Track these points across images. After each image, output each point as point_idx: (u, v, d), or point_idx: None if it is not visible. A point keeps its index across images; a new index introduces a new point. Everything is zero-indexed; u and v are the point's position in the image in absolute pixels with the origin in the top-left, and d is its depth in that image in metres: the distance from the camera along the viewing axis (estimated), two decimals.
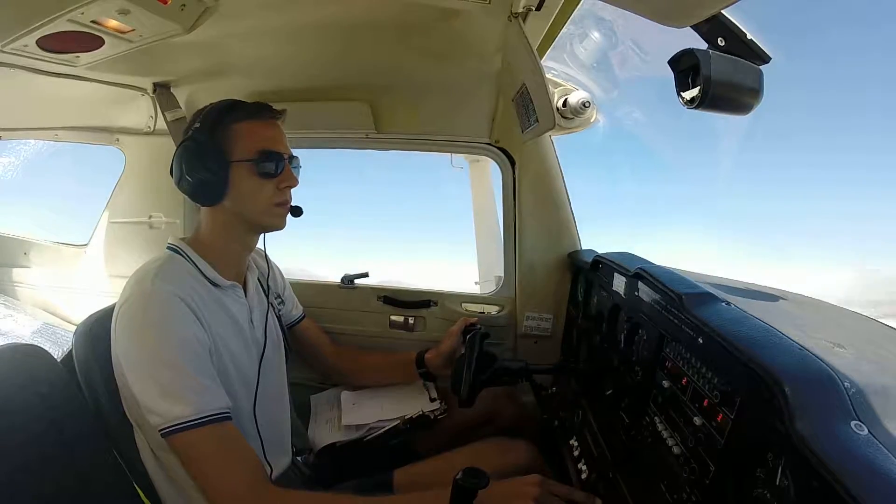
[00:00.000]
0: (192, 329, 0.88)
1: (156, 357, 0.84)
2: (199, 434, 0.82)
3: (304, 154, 1.11)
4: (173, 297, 0.88)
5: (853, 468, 0.46)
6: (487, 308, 1.65)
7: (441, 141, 1.65)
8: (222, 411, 0.86)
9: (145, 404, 0.83)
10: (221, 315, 0.97)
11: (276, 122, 1.02)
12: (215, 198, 0.96)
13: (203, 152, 0.94)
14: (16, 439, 0.82)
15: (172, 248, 1.00)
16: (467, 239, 2.15)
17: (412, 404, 1.31)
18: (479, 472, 0.72)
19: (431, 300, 1.65)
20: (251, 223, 1.01)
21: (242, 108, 0.98)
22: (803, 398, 0.54)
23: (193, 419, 0.82)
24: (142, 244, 1.83)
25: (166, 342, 0.85)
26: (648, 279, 0.97)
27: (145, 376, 0.84)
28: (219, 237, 1.01)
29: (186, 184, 0.95)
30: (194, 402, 0.83)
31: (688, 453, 0.75)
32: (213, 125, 0.96)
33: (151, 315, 0.86)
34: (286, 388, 1.20)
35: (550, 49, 1.18)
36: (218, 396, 0.87)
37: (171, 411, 0.82)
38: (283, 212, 1.02)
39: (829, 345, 0.75)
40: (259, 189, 0.97)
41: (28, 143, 2.31)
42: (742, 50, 0.70)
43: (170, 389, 0.82)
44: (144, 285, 0.89)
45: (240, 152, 0.95)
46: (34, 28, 0.87)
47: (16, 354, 0.92)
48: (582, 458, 1.13)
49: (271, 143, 0.98)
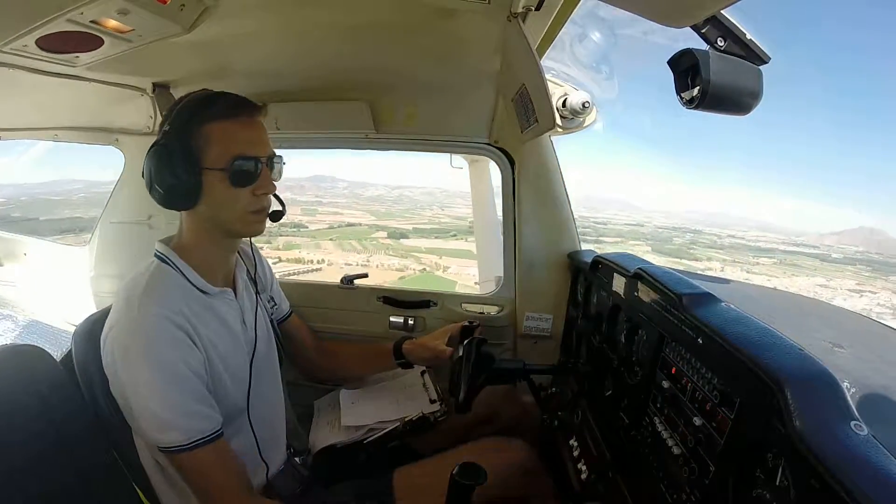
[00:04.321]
0: (181, 353, 0.88)
1: (147, 386, 0.86)
2: (192, 456, 0.87)
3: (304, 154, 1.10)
4: (161, 320, 0.87)
5: (853, 468, 0.46)
6: (487, 308, 1.65)
7: (440, 141, 1.65)
8: (213, 432, 0.89)
9: (140, 427, 0.88)
10: (213, 322, 0.97)
11: (255, 119, 0.94)
12: (188, 204, 0.92)
13: (173, 158, 0.88)
14: (15, 439, 0.82)
15: (160, 256, 0.97)
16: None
17: (412, 406, 1.30)
18: (475, 468, 0.71)
19: (431, 300, 1.65)
20: (227, 230, 0.97)
21: (216, 105, 0.91)
22: (803, 398, 0.54)
23: (185, 444, 0.86)
24: (141, 244, 1.82)
25: (156, 372, 0.85)
26: (648, 279, 0.97)
27: (139, 403, 0.87)
28: (200, 242, 0.98)
29: (156, 192, 0.90)
30: (185, 429, 0.87)
31: (688, 453, 0.75)
32: (183, 126, 0.89)
33: (140, 343, 0.86)
34: (280, 386, 1.19)
35: (550, 49, 1.18)
36: (208, 418, 0.90)
37: (163, 438, 0.87)
38: (261, 219, 0.97)
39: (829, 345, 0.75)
40: (234, 197, 0.92)
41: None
42: (742, 50, 0.70)
43: (162, 417, 0.86)
44: (132, 309, 0.88)
45: (212, 158, 0.89)
46: (34, 28, 0.87)
47: (16, 354, 0.92)
48: (581, 458, 1.13)
49: (247, 147, 0.91)
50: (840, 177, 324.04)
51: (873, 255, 13.49)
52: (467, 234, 13.02)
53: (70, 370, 1.00)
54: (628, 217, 16.36)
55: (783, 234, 16.46)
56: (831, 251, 13.23)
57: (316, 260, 10.71)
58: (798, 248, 13.68)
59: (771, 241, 14.24)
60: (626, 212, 18.34)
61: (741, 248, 13.75)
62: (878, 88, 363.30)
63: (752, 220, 34.66)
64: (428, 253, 12.61)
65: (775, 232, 17.16)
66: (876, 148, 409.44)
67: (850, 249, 13.50)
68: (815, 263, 12.73)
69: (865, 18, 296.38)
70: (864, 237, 15.85)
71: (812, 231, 38.06)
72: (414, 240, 13.24)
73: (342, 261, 11.88)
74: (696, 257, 12.60)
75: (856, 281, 11.45)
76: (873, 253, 13.69)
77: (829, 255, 12.95)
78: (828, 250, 13.29)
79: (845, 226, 27.28)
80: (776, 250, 13.52)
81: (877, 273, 11.97)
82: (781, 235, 15.28)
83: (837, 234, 16.46)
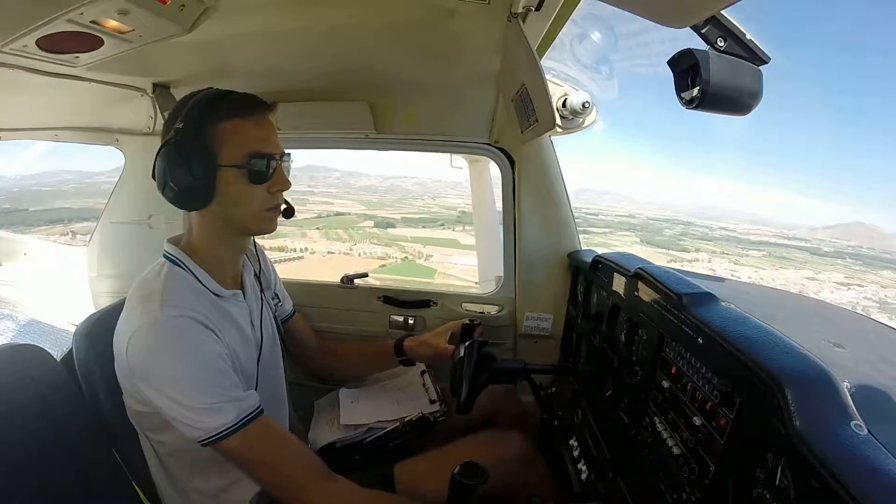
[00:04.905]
0: (210, 345, 0.87)
1: (184, 386, 0.83)
2: (245, 435, 0.85)
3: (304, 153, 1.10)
4: (185, 320, 0.86)
5: (853, 468, 0.46)
6: (487, 308, 1.65)
7: (441, 141, 1.65)
8: (257, 408, 0.88)
9: (183, 423, 0.84)
10: (226, 323, 0.97)
11: (267, 117, 0.94)
12: (202, 203, 0.91)
13: (188, 156, 0.86)
14: (15, 438, 0.82)
15: (170, 258, 0.96)
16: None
17: (412, 406, 1.30)
18: (477, 468, 0.71)
19: (431, 300, 1.65)
20: (241, 228, 0.97)
21: (229, 103, 0.90)
22: (803, 398, 0.54)
23: (234, 424, 0.84)
24: (141, 244, 1.82)
25: (190, 370, 0.84)
26: (648, 279, 0.97)
27: (178, 403, 0.83)
28: (211, 242, 0.97)
29: (171, 191, 0.89)
30: (233, 408, 0.85)
31: (688, 453, 0.75)
32: (197, 124, 0.88)
33: (168, 345, 0.84)
34: (283, 385, 1.20)
35: (550, 49, 1.18)
36: (250, 396, 0.89)
37: (210, 424, 0.83)
38: (275, 216, 0.97)
39: (829, 345, 0.75)
40: (249, 195, 0.92)
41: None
42: (742, 50, 0.70)
43: (206, 402, 0.83)
44: (153, 312, 0.85)
45: (227, 156, 0.89)
46: (34, 28, 0.87)
47: (16, 354, 0.92)
48: (582, 458, 1.13)
49: (262, 145, 0.91)
50: (839, 175, 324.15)
51: (865, 249, 13.55)
52: (454, 224, 13.11)
53: (70, 370, 1.00)
54: (621, 208, 16.40)
55: (776, 227, 16.48)
56: (822, 245, 13.26)
57: (299, 248, 10.73)
58: (789, 241, 13.72)
59: (762, 234, 14.29)
60: (621, 204, 18.41)
61: (731, 241, 13.79)
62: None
63: (745, 214, 34.71)
64: (413, 242, 12.66)
65: (768, 225, 17.18)
66: (875, 146, 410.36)
67: (841, 244, 13.56)
68: (804, 257, 12.76)
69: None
70: (857, 232, 15.90)
71: (805, 225, 38.28)
72: (401, 229, 13.31)
73: (325, 249, 11.91)
74: (684, 248, 12.63)
75: (844, 274, 11.46)
76: (865, 248, 13.75)
77: (819, 249, 12.98)
78: (819, 244, 13.33)
79: (839, 221, 27.92)
80: (766, 243, 13.56)
81: (867, 267, 11.99)
82: (773, 229, 15.33)
83: (830, 228, 16.53)
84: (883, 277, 11.29)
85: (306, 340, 1.40)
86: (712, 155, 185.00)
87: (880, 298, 10.11)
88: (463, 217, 13.00)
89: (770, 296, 1.11)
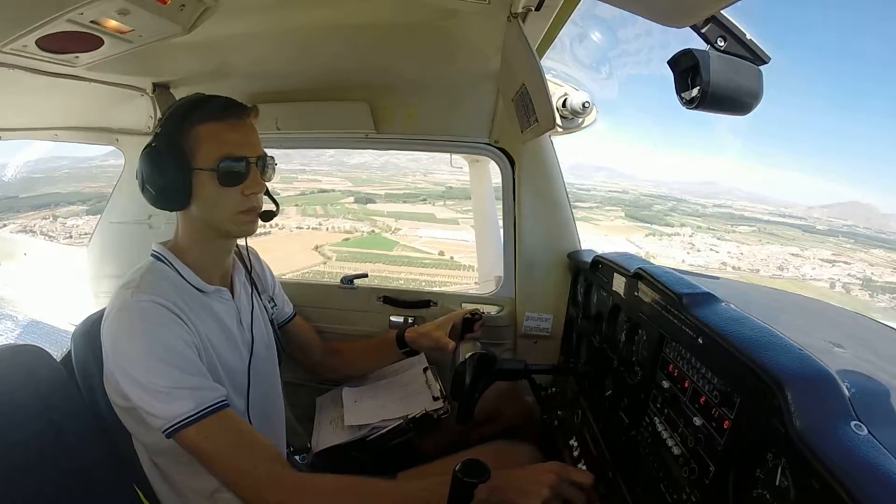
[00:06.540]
0: (175, 330, 0.88)
1: (146, 365, 0.84)
2: (203, 427, 0.83)
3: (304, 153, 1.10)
4: (152, 304, 0.87)
5: (853, 468, 0.46)
6: (487, 308, 1.65)
7: (440, 141, 1.65)
8: (219, 401, 0.87)
9: (144, 409, 0.84)
10: (208, 319, 0.97)
11: (244, 121, 0.96)
12: (179, 205, 0.94)
13: (163, 159, 0.90)
14: (15, 439, 0.82)
15: (156, 255, 0.99)
16: None
17: (415, 403, 1.30)
18: (479, 465, 0.71)
19: (431, 300, 1.65)
20: (218, 230, 0.99)
21: (206, 107, 0.93)
22: (803, 398, 0.54)
23: (193, 414, 0.83)
24: (141, 244, 1.81)
25: (153, 348, 0.85)
26: (648, 279, 0.97)
27: (139, 385, 0.84)
28: (195, 242, 1.00)
29: (148, 192, 0.93)
30: (191, 398, 0.84)
31: (688, 453, 0.75)
32: (175, 128, 0.91)
33: (134, 325, 0.86)
34: (279, 388, 1.20)
35: (550, 49, 1.18)
36: (213, 388, 0.88)
37: (169, 411, 0.83)
38: (251, 219, 0.98)
39: (829, 345, 0.75)
40: (222, 197, 0.93)
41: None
42: (742, 50, 0.70)
43: (165, 392, 0.83)
44: (124, 297, 0.88)
45: (202, 159, 0.91)
46: (34, 28, 0.87)
47: (15, 354, 0.92)
48: (582, 458, 1.13)
49: (235, 148, 0.92)
50: (840, 156, 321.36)
51: (860, 228, 13.57)
52: (436, 199, 13.05)
53: (70, 370, 1.00)
54: (615, 184, 16.37)
55: (773, 205, 16.49)
56: (817, 223, 13.29)
57: (268, 225, 11.20)
58: (784, 219, 13.73)
59: (758, 211, 14.29)
60: (615, 180, 18.34)
61: (723, 217, 13.79)
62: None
63: (743, 191, 34.59)
64: (388, 217, 12.77)
65: (765, 203, 17.15)
66: (878, 129, 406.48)
67: (836, 222, 13.59)
68: (795, 234, 12.79)
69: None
70: (854, 211, 15.89)
71: (802, 203, 38.27)
72: (380, 204, 13.35)
73: (294, 224, 11.96)
74: (668, 223, 12.67)
75: (832, 251, 11.48)
76: (861, 227, 13.75)
77: (813, 227, 13.02)
78: (814, 222, 13.37)
79: (837, 200, 27.70)
80: (757, 220, 13.56)
81: (858, 245, 12.00)
82: (770, 206, 15.32)
83: (827, 206, 16.52)
84: (873, 256, 11.31)
85: (309, 342, 1.40)
86: (716, 137, 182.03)
87: (865, 276, 10.10)
88: (448, 192, 13.01)
89: (770, 296, 1.11)
